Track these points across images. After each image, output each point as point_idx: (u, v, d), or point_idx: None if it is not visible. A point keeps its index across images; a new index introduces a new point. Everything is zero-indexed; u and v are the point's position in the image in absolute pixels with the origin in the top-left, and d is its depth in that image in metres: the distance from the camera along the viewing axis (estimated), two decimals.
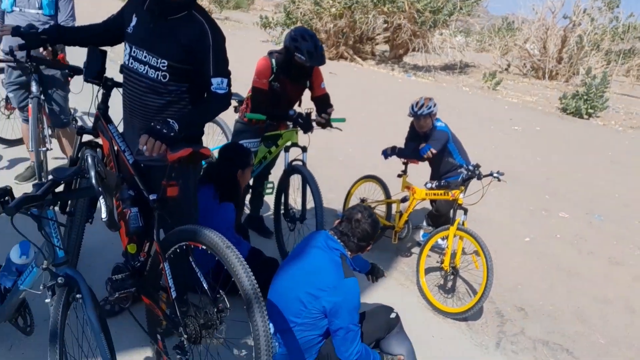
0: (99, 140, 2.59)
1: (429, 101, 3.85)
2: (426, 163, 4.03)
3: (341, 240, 2.37)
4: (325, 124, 3.38)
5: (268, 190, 3.71)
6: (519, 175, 6.39)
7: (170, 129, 1.99)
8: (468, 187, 3.62)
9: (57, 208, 2.36)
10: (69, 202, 2.52)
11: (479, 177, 3.44)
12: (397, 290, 3.47)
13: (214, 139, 4.21)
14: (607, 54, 16.82)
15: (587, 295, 3.81)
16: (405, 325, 2.53)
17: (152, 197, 2.09)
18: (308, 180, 3.22)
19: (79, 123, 4.00)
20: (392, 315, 2.49)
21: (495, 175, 3.43)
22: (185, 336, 1.94)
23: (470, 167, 3.48)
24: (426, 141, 3.88)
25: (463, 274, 3.68)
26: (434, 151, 3.74)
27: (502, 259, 4.10)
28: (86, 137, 2.64)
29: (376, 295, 3.23)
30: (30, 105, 3.54)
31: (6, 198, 1.48)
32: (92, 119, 2.61)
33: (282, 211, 3.59)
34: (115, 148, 2.40)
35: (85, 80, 2.47)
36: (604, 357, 3.09)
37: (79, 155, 2.61)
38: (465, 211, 3.46)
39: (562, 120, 10.98)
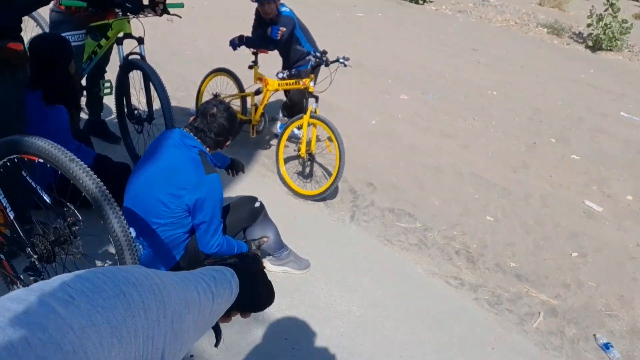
0: None
1: None
2: (276, 52, 3.98)
3: (197, 136, 2.30)
4: (163, 10, 3.02)
5: (106, 91, 3.36)
6: (364, 61, 6.69)
7: None
8: (318, 74, 3.70)
9: None
10: None
11: (327, 64, 3.52)
12: (259, 181, 3.57)
13: (29, 36, 3.62)
14: None
15: (424, 165, 4.33)
16: (269, 212, 2.65)
17: None
18: (149, 75, 2.95)
19: None
20: (257, 205, 2.57)
21: (341, 60, 3.53)
22: (36, 256, 1.80)
23: (318, 54, 3.53)
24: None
25: (319, 159, 3.89)
26: (284, 29, 3.68)
27: (352, 142, 4.39)
28: None
29: (239, 188, 3.30)
30: None
31: None
32: None
33: (126, 112, 3.32)
34: None
35: None
36: (438, 216, 3.62)
37: None
38: (317, 99, 3.57)
39: (400, 6, 11.50)
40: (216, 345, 0.82)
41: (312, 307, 2.48)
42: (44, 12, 3.40)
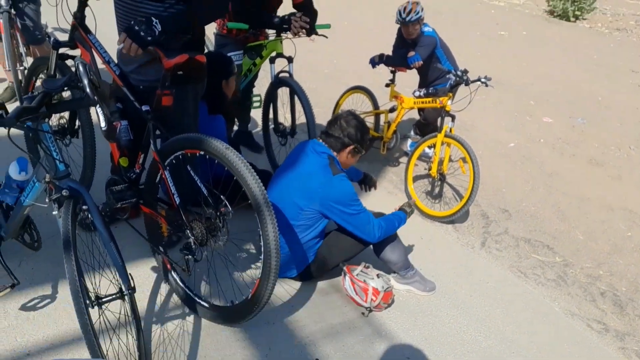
0: (77, 53, 2.49)
1: (417, 6, 3.73)
2: (414, 71, 3.99)
3: (326, 143, 2.45)
4: (310, 30, 3.22)
5: (255, 104, 3.67)
6: (505, 81, 6.38)
7: (150, 32, 1.91)
8: (456, 93, 3.62)
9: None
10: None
11: (467, 83, 3.43)
12: (386, 198, 3.58)
13: None
14: None
15: (568, 195, 3.98)
16: None
17: (144, 108, 2.07)
18: (297, 92, 3.16)
19: (52, 39, 3.80)
20: None
21: (482, 80, 3.43)
22: (192, 237, 2.02)
23: (459, 73, 3.46)
24: (414, 48, 3.82)
25: (450, 180, 3.79)
26: (420, 63, 3.70)
27: (487, 164, 4.21)
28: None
29: (366, 204, 3.32)
30: (0, 21, 3.35)
31: (0, 112, 1.45)
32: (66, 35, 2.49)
33: (271, 125, 3.57)
34: (99, 59, 2.32)
35: None
36: (582, 252, 3.30)
37: (57, 72, 2.51)
38: (453, 118, 3.49)
39: (548, 23, 10.76)
40: None
41: (435, 330, 2.41)
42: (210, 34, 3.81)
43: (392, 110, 3.98)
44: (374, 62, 3.99)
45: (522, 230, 3.45)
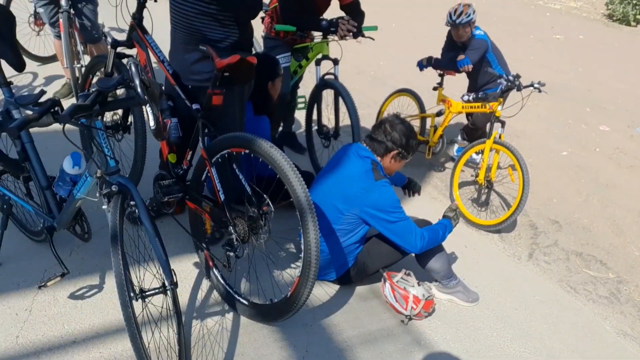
0: (134, 53, 2.57)
1: (468, 8, 3.64)
2: (463, 74, 3.89)
3: (370, 147, 2.40)
4: (357, 32, 3.17)
5: (300, 105, 3.67)
6: (559, 87, 6.14)
7: None
8: (506, 99, 3.51)
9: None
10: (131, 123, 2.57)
11: (519, 88, 3.32)
12: (430, 204, 3.51)
13: None
14: None
15: (624, 208, 3.78)
16: None
17: (194, 106, 2.11)
18: (342, 95, 3.13)
19: (109, 38, 3.95)
20: None
21: (536, 85, 3.30)
22: (235, 234, 2.04)
23: (510, 78, 3.34)
24: (464, 51, 3.72)
25: (497, 188, 3.68)
26: (470, 67, 3.61)
27: (538, 173, 4.05)
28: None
29: (410, 209, 3.26)
30: (60, 20, 3.50)
31: (56, 109, 1.51)
32: (123, 34, 2.57)
33: (314, 127, 3.57)
34: (154, 58, 2.39)
35: None
36: (637, 268, 3.12)
37: (114, 70, 2.60)
38: (503, 124, 3.38)
39: (607, 27, 10.28)
40: None
41: (477, 343, 2.33)
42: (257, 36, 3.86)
43: (439, 114, 3.90)
44: (421, 64, 3.92)
45: (573, 243, 3.30)
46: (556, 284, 2.89)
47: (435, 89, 3.96)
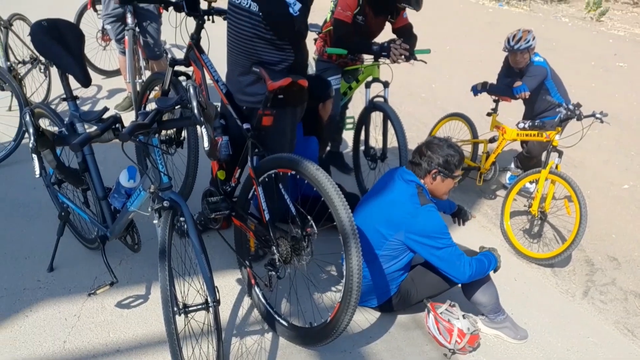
0: (190, 71, 2.66)
1: (528, 34, 3.55)
2: (519, 101, 3.78)
3: (414, 171, 2.34)
4: (409, 56, 3.14)
5: (348, 126, 3.67)
6: (621, 117, 5.85)
7: None
8: (565, 127, 3.38)
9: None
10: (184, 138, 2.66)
11: (579, 118, 3.18)
12: (479, 233, 3.40)
13: None
14: None
15: None
16: None
17: (245, 126, 2.15)
18: (391, 118, 3.11)
19: (169, 55, 4.13)
20: None
21: (598, 116, 3.17)
22: (278, 254, 2.04)
23: (570, 107, 3.22)
24: (521, 77, 3.62)
25: (551, 220, 3.52)
26: (527, 94, 3.50)
27: (596, 206, 3.86)
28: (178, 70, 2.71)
29: (458, 237, 3.16)
30: (126, 37, 3.69)
31: (117, 125, 1.58)
32: (183, 52, 2.67)
33: (362, 148, 3.56)
34: (209, 78, 2.46)
35: (187, 13, 2.48)
36: None
37: (171, 87, 2.69)
38: (560, 154, 3.25)
39: None
40: None
41: None
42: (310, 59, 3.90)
43: (492, 140, 3.80)
44: (476, 89, 3.85)
45: (632, 283, 3.10)
46: (612, 326, 2.71)
47: (489, 114, 3.87)
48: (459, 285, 2.40)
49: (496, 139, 3.73)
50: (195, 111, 1.52)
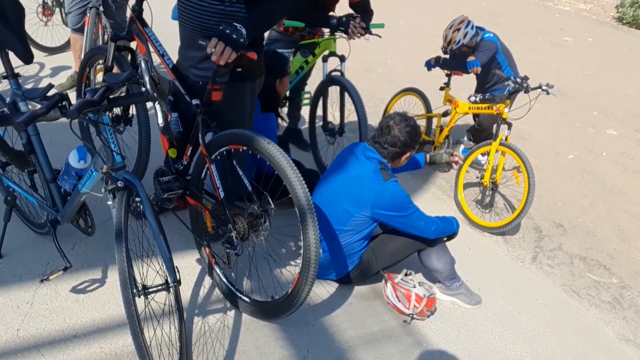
0: (133, 45, 2.55)
1: (458, 31, 3.62)
2: (471, 75, 3.87)
3: (376, 148, 2.40)
4: (364, 30, 3.13)
5: (305, 101, 3.64)
6: (567, 89, 6.11)
7: (240, 35, 1.91)
8: (514, 101, 3.49)
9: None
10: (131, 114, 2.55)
11: (527, 90, 3.30)
12: (434, 204, 3.49)
13: None
14: None
15: (629, 213, 3.75)
16: None
17: (194, 101, 2.10)
18: (349, 91, 3.11)
19: (109, 29, 3.91)
20: None
21: (544, 88, 3.28)
22: (235, 232, 2.03)
23: (518, 79, 3.32)
24: (474, 52, 3.70)
25: (502, 190, 3.66)
26: (479, 69, 3.59)
27: (543, 176, 4.04)
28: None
29: None
30: (88, 15, 3.50)
31: (63, 103, 1.50)
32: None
33: (319, 123, 3.55)
34: (154, 52, 2.37)
35: None
36: None
37: (114, 63, 2.57)
38: (510, 126, 3.36)
39: (617, 30, 10.22)
40: None
41: (479, 346, 2.33)
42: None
43: (445, 114, 3.88)
44: (429, 64, 3.90)
45: (577, 248, 3.28)
46: (559, 288, 2.88)
47: (442, 89, 3.94)
48: (416, 254, 2.48)
49: (449, 113, 3.82)
50: (148, 86, 1.47)
